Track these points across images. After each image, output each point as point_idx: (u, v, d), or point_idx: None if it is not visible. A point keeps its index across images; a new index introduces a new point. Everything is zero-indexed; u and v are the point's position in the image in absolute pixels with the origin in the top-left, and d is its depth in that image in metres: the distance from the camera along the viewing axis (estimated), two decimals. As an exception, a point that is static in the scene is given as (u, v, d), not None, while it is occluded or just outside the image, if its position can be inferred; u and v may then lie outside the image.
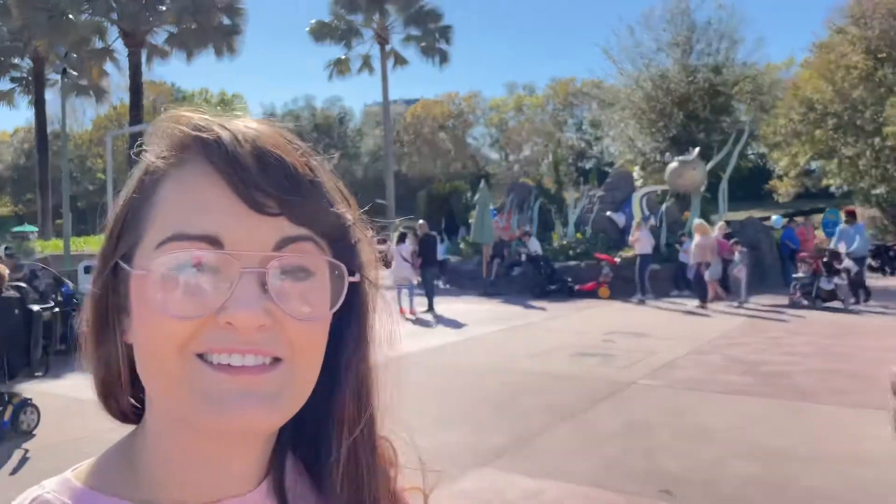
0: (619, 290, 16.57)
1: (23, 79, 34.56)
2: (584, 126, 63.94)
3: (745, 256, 14.99)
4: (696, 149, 21.01)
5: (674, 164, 20.09)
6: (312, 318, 0.60)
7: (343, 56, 34.38)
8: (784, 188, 34.35)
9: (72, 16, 24.70)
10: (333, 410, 0.68)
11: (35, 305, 6.62)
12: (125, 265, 0.61)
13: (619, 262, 17.28)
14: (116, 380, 0.66)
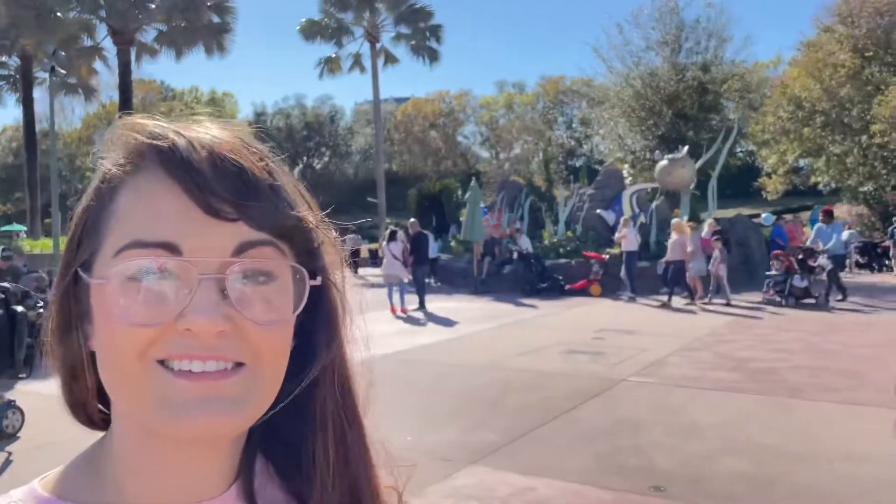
0: (609, 288, 16.64)
1: (10, 77, 34.29)
2: (574, 124, 64.15)
3: (724, 253, 14.99)
4: (686, 147, 21.11)
5: (663, 162, 20.17)
6: (273, 322, 0.59)
7: (333, 54, 34.29)
8: (773, 186, 34.50)
9: (60, 13, 24.54)
10: (312, 413, 0.67)
11: (19, 306, 6.54)
12: (84, 274, 0.60)
13: (608, 259, 17.33)
14: (83, 387, 0.66)
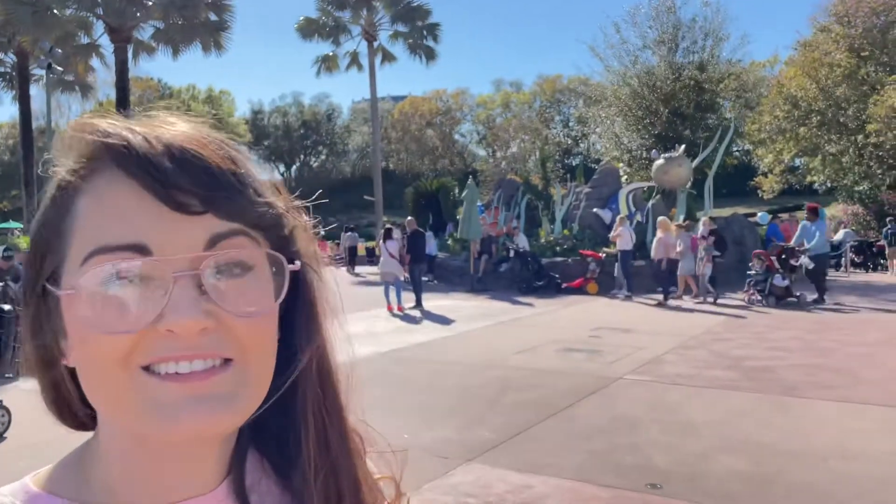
0: (606, 286, 16.67)
1: (6, 74, 34.16)
2: (571, 123, 64.10)
3: (710, 252, 15.01)
4: (682, 146, 21.13)
5: (660, 161, 20.19)
6: (257, 314, 0.57)
7: (331, 52, 34.20)
8: (769, 185, 34.51)
9: (56, 11, 24.45)
10: (294, 404, 0.65)
11: (6, 305, 6.51)
12: (52, 287, 0.58)
13: (605, 258, 17.36)
14: (67, 398, 0.65)
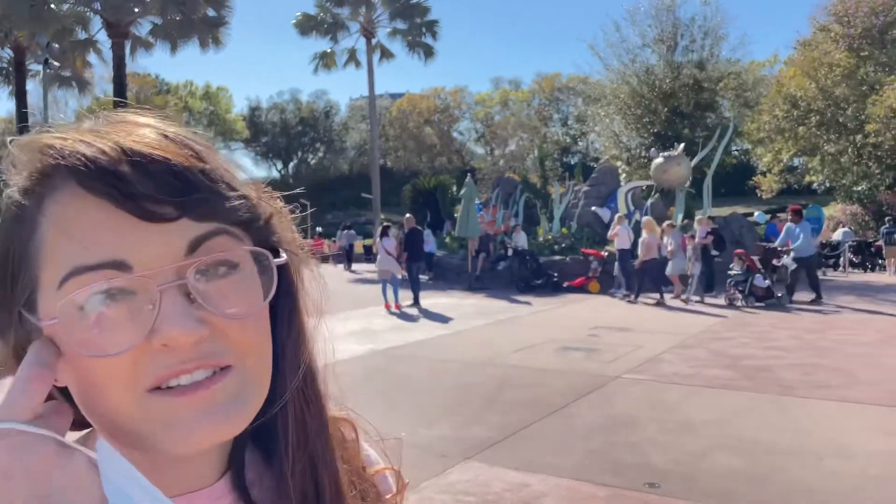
0: (605, 285, 16.66)
1: (3, 69, 34.09)
2: (570, 121, 64.17)
3: (698, 252, 15.01)
4: (681, 145, 21.13)
5: (659, 160, 20.19)
6: (249, 315, 0.56)
7: (329, 49, 34.16)
8: (767, 184, 34.55)
9: (54, 5, 24.37)
10: (275, 393, 0.63)
11: None
12: (30, 316, 0.54)
13: (607, 257, 17.34)
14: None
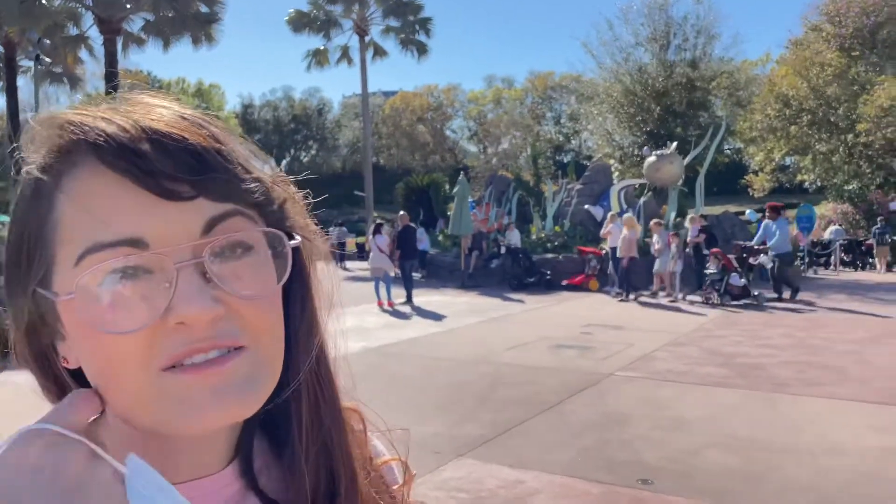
0: (601, 283, 16.69)
1: (-6, 65, 33.91)
2: (563, 119, 64.26)
3: (681, 250, 15.04)
4: (674, 143, 21.19)
5: (651, 159, 20.23)
6: (263, 296, 0.56)
7: (322, 47, 34.08)
8: (759, 183, 34.65)
9: (45, 1, 24.23)
10: (288, 379, 0.63)
11: None
12: (46, 291, 0.55)
13: (605, 254, 17.36)
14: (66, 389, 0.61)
